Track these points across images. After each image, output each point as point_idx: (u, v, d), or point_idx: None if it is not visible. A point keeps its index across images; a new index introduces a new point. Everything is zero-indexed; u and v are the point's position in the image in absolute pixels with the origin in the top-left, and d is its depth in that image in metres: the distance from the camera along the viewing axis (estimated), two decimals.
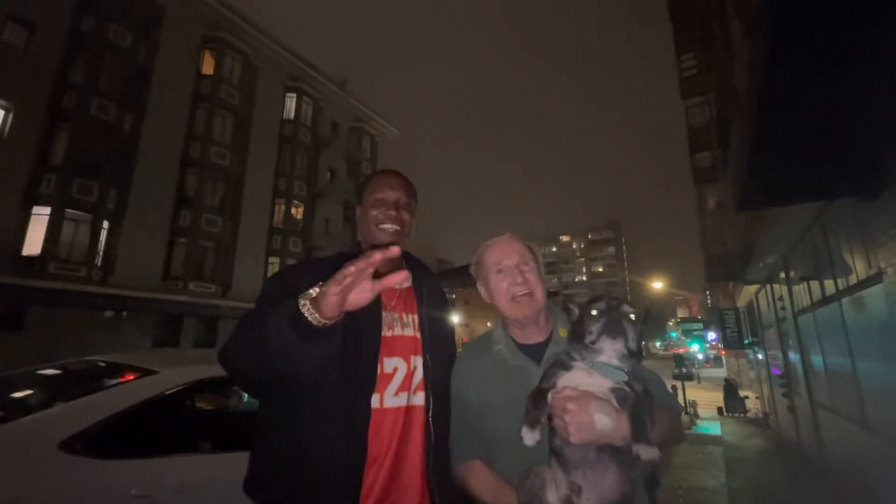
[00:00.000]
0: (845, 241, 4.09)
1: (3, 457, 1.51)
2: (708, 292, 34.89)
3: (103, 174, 14.95)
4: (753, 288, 10.55)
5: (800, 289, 6.18)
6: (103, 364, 2.36)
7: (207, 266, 18.11)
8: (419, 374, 1.14)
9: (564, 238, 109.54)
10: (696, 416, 13.78)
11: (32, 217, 13.81)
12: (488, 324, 47.71)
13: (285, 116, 22.55)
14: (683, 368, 15.22)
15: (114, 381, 1.98)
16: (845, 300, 4.31)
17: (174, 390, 1.99)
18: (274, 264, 20.94)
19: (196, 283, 17.45)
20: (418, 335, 1.17)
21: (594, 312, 0.91)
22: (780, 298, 7.70)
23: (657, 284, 35.85)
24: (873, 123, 2.57)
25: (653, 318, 0.98)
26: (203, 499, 1.77)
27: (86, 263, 14.42)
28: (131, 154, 16.05)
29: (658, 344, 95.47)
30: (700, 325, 24.81)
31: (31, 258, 13.48)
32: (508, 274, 1.08)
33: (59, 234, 13.95)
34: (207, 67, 19.11)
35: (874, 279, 3.50)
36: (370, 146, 27.95)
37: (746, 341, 13.57)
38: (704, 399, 17.51)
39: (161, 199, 16.95)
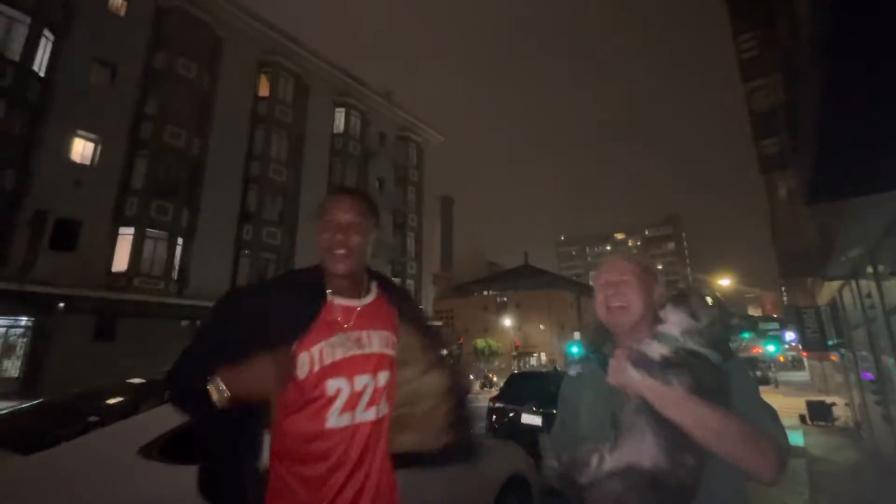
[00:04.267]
0: None
1: (89, 462, 1.69)
2: (784, 289, 32.05)
3: (176, 195, 16.39)
4: (836, 284, 9.56)
5: (891, 285, 5.53)
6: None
7: (269, 276, 19.21)
8: (388, 386, 1.19)
9: (619, 236, 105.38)
10: None
11: (119, 237, 15.39)
12: (541, 326, 46.70)
13: (335, 130, 23.54)
14: (758, 372, 13.93)
15: None
16: None
17: None
18: None
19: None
20: (385, 351, 1.21)
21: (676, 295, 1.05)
22: (869, 296, 6.92)
23: (724, 282, 33.49)
24: None
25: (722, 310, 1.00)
26: None
27: (164, 277, 15.84)
28: (199, 175, 17.48)
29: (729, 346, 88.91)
30: (776, 325, 22.87)
31: (118, 274, 15.00)
32: (609, 288, 1.18)
33: (141, 251, 15.44)
34: (263, 90, 20.42)
35: None
36: (416, 154, 28.47)
37: (830, 342, 12.32)
38: (784, 405, 16.07)
39: (226, 216, 18.29)
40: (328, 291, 1.20)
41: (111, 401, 2.42)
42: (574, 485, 0.97)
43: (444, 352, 1.38)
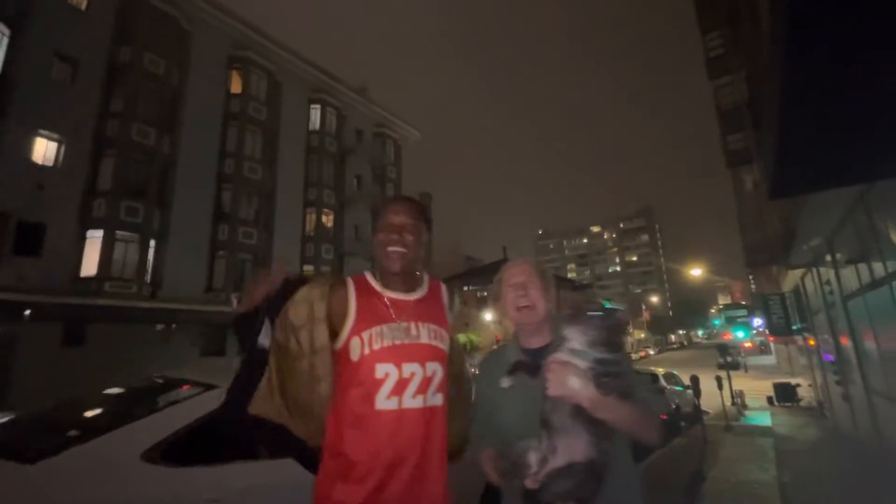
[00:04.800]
0: (892, 221, 3.90)
1: (95, 467, 1.70)
2: (751, 277, 33.41)
3: (147, 196, 15.86)
4: (799, 272, 10.08)
5: (848, 272, 5.90)
6: (163, 381, 2.59)
7: (246, 277, 18.87)
8: (438, 378, 1.29)
9: (595, 229, 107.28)
10: (744, 406, 13.29)
11: (88, 240, 14.81)
12: None
13: (311, 128, 23.19)
14: (728, 357, 14.60)
15: (182, 396, 2.17)
16: None
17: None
18: (308, 272, 21.59)
19: (237, 294, 18.21)
20: (433, 342, 1.32)
21: (570, 310, 1.15)
22: (828, 282, 7.36)
23: (695, 271, 34.64)
24: None
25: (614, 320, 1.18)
26: (264, 501, 1.93)
27: (136, 280, 15.35)
28: (171, 175, 16.95)
29: (700, 333, 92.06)
30: (744, 312, 23.78)
31: (88, 278, 14.46)
32: (517, 289, 1.30)
33: (111, 255, 14.90)
34: (235, 86, 19.91)
35: None
36: (394, 150, 28.33)
37: (794, 327, 12.98)
38: (753, 388, 16.83)
39: (200, 216, 17.82)
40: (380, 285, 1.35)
41: (89, 413, 2.38)
42: (521, 488, 1.09)
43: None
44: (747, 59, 9.92)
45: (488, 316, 45.44)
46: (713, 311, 78.96)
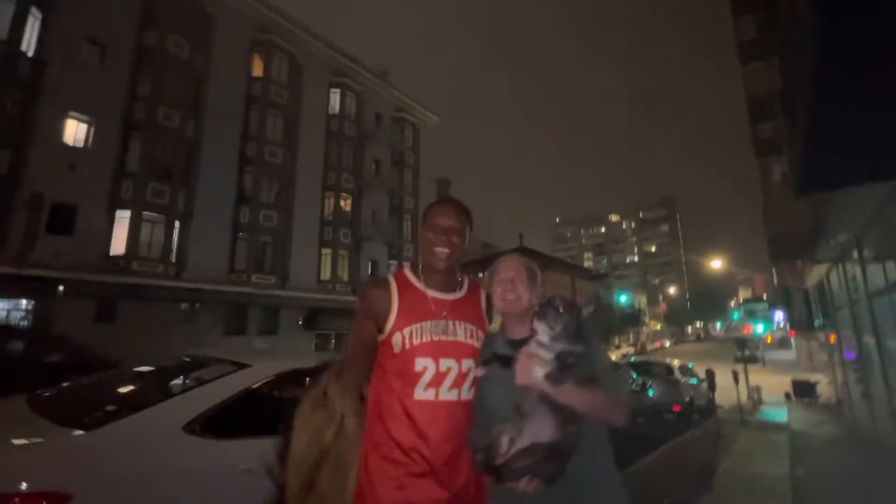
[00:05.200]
0: None
1: (142, 437, 1.86)
2: (774, 271, 32.60)
3: (172, 178, 16.27)
4: (824, 267, 9.85)
5: (874, 269, 5.77)
6: (190, 359, 2.75)
7: (267, 259, 19.31)
8: (472, 374, 1.37)
9: (614, 218, 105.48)
10: (760, 401, 13.17)
11: (116, 220, 15.32)
12: None
13: (331, 111, 23.26)
14: (746, 351, 14.33)
15: (217, 374, 2.32)
16: None
17: (266, 380, 2.32)
18: (326, 255, 21.94)
19: (258, 275, 18.69)
20: (469, 341, 1.40)
21: (537, 307, 1.25)
22: (854, 279, 7.19)
23: (716, 263, 33.98)
24: None
25: (597, 310, 1.27)
26: None
27: (162, 260, 15.86)
28: (195, 158, 17.31)
29: (718, 326, 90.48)
30: (765, 306, 23.33)
31: (117, 257, 15.01)
32: (505, 283, 1.41)
33: (138, 235, 15.41)
34: (257, 70, 20.06)
35: None
36: (413, 135, 28.25)
37: (817, 323, 12.72)
38: (770, 383, 16.61)
39: (223, 198, 18.21)
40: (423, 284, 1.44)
41: (115, 393, 2.54)
42: (490, 465, 1.20)
43: None
44: (781, 46, 9.54)
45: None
46: (732, 304, 77.36)
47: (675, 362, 12.93)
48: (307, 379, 2.85)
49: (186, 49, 17.03)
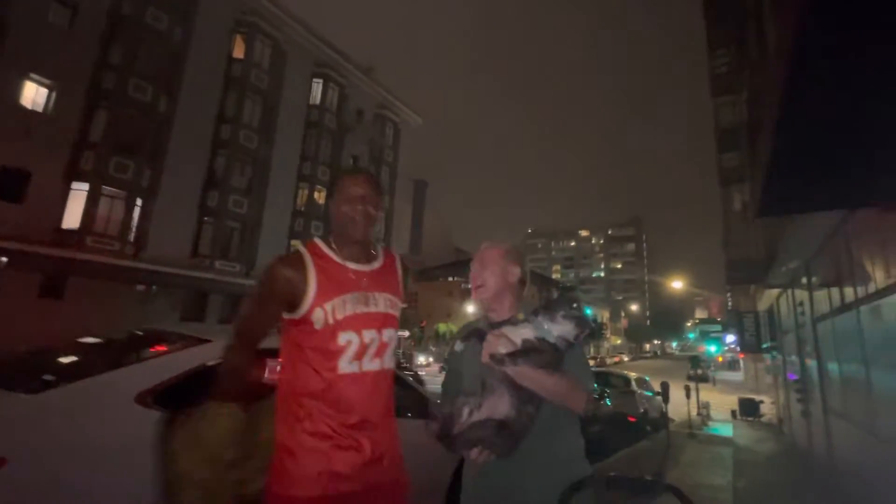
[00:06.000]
0: (866, 250, 4.10)
1: (89, 405, 1.76)
2: (729, 294, 34.23)
3: (139, 153, 15.55)
4: (775, 292, 10.42)
5: (820, 295, 6.15)
6: (143, 333, 2.64)
7: (233, 246, 18.71)
8: (393, 343, 1.39)
9: (584, 233, 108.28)
10: (709, 417, 13.74)
11: (72, 192, 14.50)
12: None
13: (311, 101, 22.88)
14: (699, 370, 15.08)
15: (176, 347, 2.23)
16: (863, 308, 4.32)
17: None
18: (296, 246, 21.44)
19: (222, 261, 18.07)
20: (390, 311, 1.40)
21: (549, 301, 1.31)
22: (801, 304, 7.64)
23: (676, 284, 35.36)
24: None
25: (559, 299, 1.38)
26: None
27: (120, 238, 15.11)
28: (165, 135, 16.62)
29: (674, 344, 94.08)
30: (718, 327, 24.43)
31: (70, 231, 14.19)
32: (473, 271, 1.52)
33: (95, 210, 14.63)
34: (238, 51, 19.52)
35: (892, 289, 3.53)
36: (393, 133, 28.13)
37: (764, 345, 13.40)
38: (719, 401, 17.37)
39: (192, 180, 17.55)
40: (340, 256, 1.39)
41: (64, 360, 2.41)
42: (447, 436, 1.25)
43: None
44: (751, 81, 10.11)
45: (470, 308, 45.93)
46: (689, 324, 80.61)
47: (633, 375, 13.34)
48: (269, 360, 2.81)
49: (165, 21, 16.39)
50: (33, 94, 14.04)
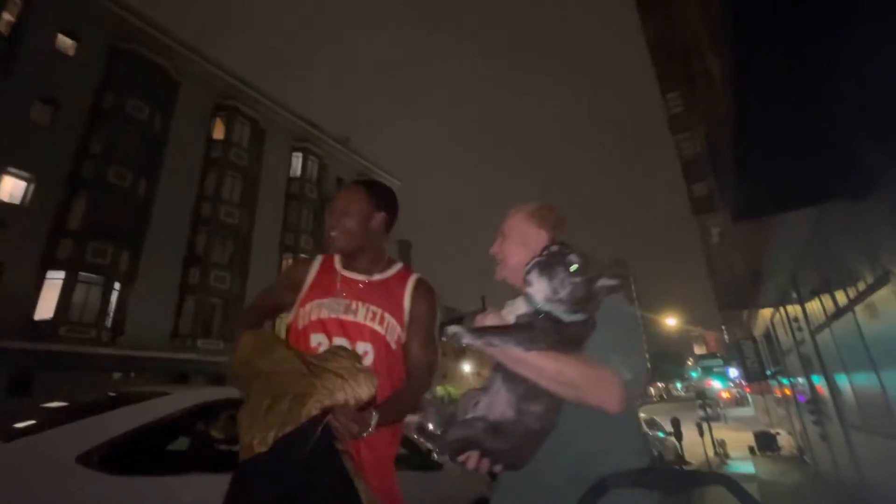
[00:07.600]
0: (847, 247, 4.11)
1: (23, 468, 1.52)
2: (724, 326, 34.05)
3: (117, 237, 15.40)
4: (768, 313, 10.37)
5: (813, 305, 6.10)
6: (115, 395, 2.39)
7: (216, 323, 18.13)
8: (367, 359, 1.28)
9: None
10: (727, 455, 13.06)
11: (46, 282, 14.09)
12: None
13: (292, 174, 23.45)
14: (708, 409, 14.35)
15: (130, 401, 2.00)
16: (858, 308, 4.26)
17: (186, 410, 2.01)
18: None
19: (204, 340, 17.40)
20: (368, 323, 1.33)
21: (544, 256, 0.96)
22: (796, 319, 7.56)
23: (670, 321, 35.16)
24: (853, 121, 2.70)
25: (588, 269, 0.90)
26: None
27: (96, 325, 14.52)
28: (145, 217, 16.62)
29: (679, 386, 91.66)
30: (720, 362, 23.98)
31: (42, 322, 13.61)
32: (498, 237, 1.26)
33: (70, 297, 14.17)
34: (218, 133, 20.19)
35: (882, 281, 3.49)
36: None
37: (768, 372, 13.12)
38: (734, 439, 16.60)
39: (172, 259, 17.32)
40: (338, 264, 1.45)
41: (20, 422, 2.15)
42: (423, 430, 1.10)
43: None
44: (704, 116, 10.76)
45: (466, 367, 44.46)
46: (690, 362, 79.25)
47: (643, 415, 12.78)
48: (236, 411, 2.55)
49: (146, 111, 16.99)
50: (10, 188, 14.06)
